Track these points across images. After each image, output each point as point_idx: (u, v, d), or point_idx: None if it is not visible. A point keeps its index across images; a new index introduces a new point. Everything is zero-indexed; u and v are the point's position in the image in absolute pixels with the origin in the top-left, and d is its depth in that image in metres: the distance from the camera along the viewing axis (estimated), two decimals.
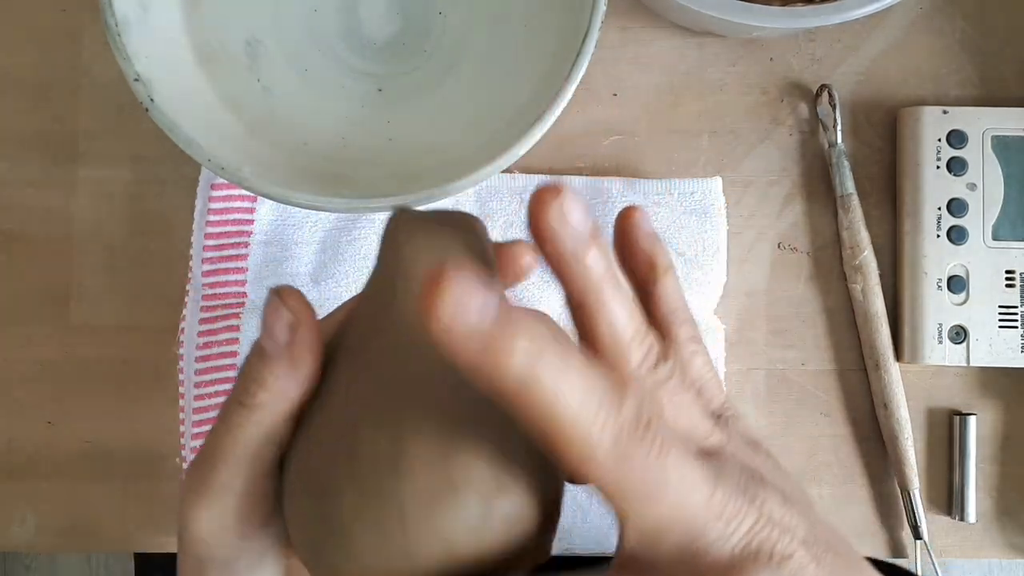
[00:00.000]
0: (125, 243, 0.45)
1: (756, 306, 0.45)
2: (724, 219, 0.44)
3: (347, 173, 0.38)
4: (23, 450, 0.45)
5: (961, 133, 0.44)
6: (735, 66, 0.46)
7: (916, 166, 0.44)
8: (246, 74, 0.40)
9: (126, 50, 0.33)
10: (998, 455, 0.45)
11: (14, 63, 0.46)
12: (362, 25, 0.43)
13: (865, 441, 0.45)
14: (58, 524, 0.45)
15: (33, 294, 0.45)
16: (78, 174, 0.45)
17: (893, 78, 0.46)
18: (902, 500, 0.44)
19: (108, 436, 0.45)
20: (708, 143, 0.46)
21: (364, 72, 0.42)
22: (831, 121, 0.45)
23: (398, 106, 0.42)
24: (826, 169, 0.46)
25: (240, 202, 0.43)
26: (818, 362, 0.45)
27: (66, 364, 0.45)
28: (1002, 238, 0.44)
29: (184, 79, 0.37)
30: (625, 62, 0.46)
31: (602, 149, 0.46)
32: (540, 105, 0.34)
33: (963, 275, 0.44)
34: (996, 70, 0.46)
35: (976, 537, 0.45)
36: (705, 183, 0.44)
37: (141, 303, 0.45)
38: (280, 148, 0.38)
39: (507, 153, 0.33)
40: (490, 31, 0.42)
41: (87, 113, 0.45)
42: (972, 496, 0.44)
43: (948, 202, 0.44)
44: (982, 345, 0.43)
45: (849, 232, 0.44)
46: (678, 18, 0.45)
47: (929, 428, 0.45)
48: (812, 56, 0.46)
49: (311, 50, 0.42)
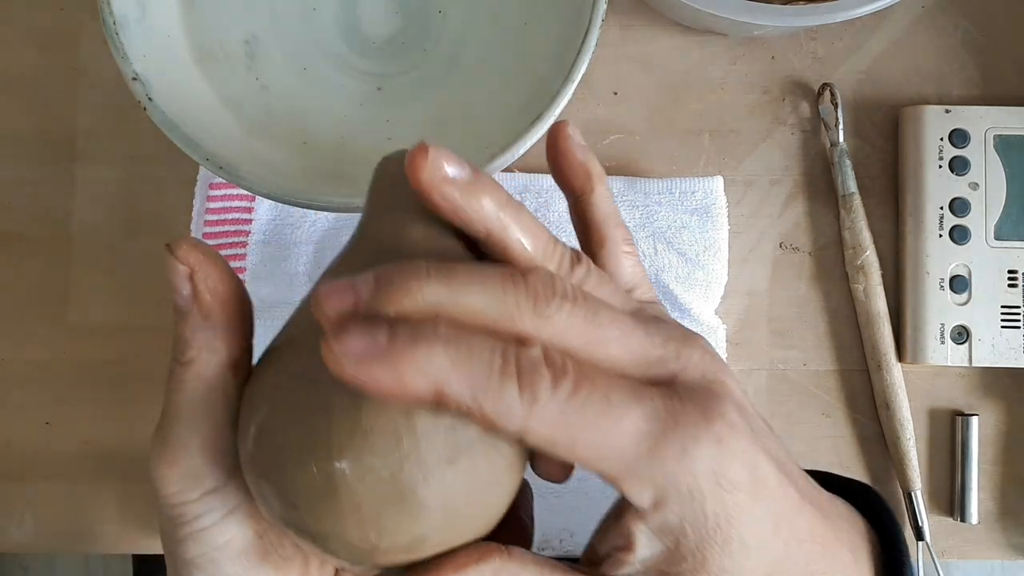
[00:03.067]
0: (123, 243, 0.45)
1: (757, 306, 0.45)
2: (725, 219, 0.44)
3: (346, 172, 0.38)
4: (21, 451, 0.44)
5: (963, 132, 0.44)
6: (736, 65, 0.46)
7: (918, 165, 0.44)
8: (244, 73, 0.40)
9: (124, 49, 0.33)
10: (1000, 456, 0.45)
11: (12, 62, 0.45)
12: (361, 23, 0.42)
13: (867, 442, 0.45)
14: (56, 525, 0.44)
15: (30, 294, 0.45)
16: (76, 173, 0.45)
17: (895, 77, 0.46)
18: (904, 501, 0.44)
19: (106, 437, 0.44)
20: (709, 142, 0.46)
21: (363, 71, 0.42)
22: (833, 120, 0.45)
23: (397, 105, 0.42)
24: (828, 168, 0.46)
25: (238, 201, 0.43)
26: (820, 362, 0.45)
27: (64, 365, 0.45)
28: (1005, 238, 0.43)
29: (182, 78, 0.37)
30: (626, 61, 0.46)
31: (603, 148, 0.46)
32: (540, 104, 0.33)
33: (965, 275, 0.43)
34: (998, 69, 0.46)
35: (978, 538, 0.45)
36: (706, 182, 0.44)
37: (139, 303, 0.45)
38: (278, 147, 0.38)
39: (507, 152, 0.33)
40: (490, 29, 0.42)
41: (85, 112, 0.45)
42: (974, 497, 0.44)
43: (950, 201, 0.44)
44: (984, 345, 0.43)
45: (851, 232, 0.44)
46: (679, 16, 0.44)
47: (931, 429, 0.45)
48: (814, 55, 0.46)
49: (310, 49, 0.42)
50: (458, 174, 0.21)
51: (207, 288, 0.22)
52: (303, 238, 0.43)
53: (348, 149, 0.40)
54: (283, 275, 0.43)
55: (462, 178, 0.21)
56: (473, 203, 0.21)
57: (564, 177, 0.27)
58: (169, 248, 0.22)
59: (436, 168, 0.20)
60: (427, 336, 0.18)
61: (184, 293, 0.22)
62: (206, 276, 0.22)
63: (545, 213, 0.44)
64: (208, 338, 0.22)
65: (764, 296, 0.45)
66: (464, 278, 0.19)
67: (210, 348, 0.22)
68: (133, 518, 0.44)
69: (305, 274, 0.43)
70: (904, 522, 0.45)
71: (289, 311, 0.23)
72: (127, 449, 0.44)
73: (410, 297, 0.19)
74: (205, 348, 0.22)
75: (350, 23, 0.42)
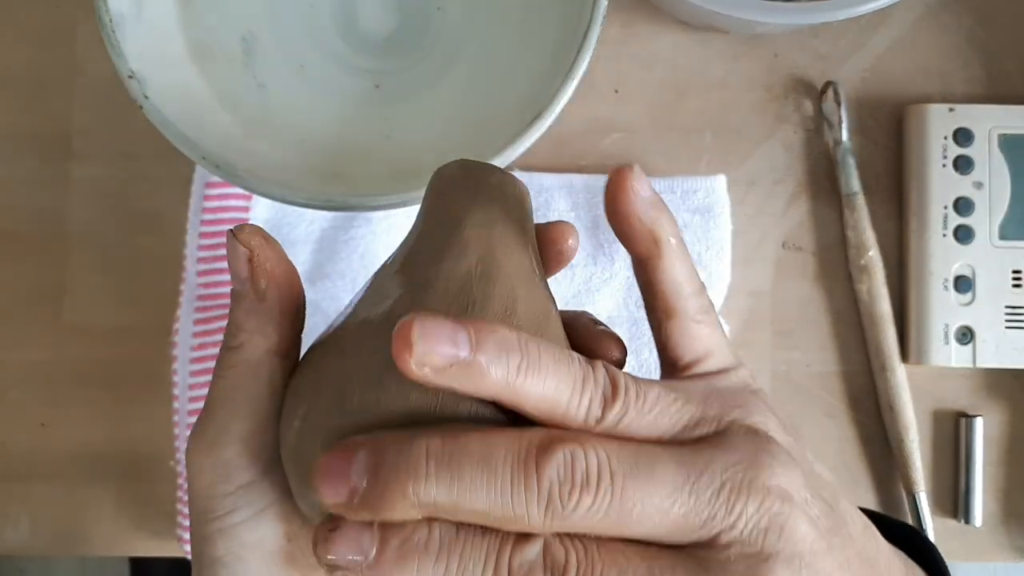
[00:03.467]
0: (119, 242, 0.45)
1: (760, 306, 0.45)
2: (728, 218, 0.44)
3: (344, 171, 0.38)
4: (16, 452, 0.44)
5: (967, 131, 0.43)
6: (739, 63, 0.46)
7: (922, 164, 0.44)
8: (241, 71, 0.40)
9: (120, 47, 0.33)
10: (1004, 457, 0.45)
11: (7, 60, 0.45)
12: (359, 21, 0.42)
13: (870, 443, 0.45)
14: (52, 527, 0.44)
15: (25, 294, 0.44)
16: (71, 173, 0.45)
17: (899, 75, 0.46)
18: (907, 503, 0.44)
19: (102, 438, 0.44)
20: (711, 141, 0.45)
21: (361, 69, 0.42)
22: (836, 118, 0.44)
23: (396, 103, 0.41)
24: (831, 167, 0.45)
25: (235, 200, 0.42)
26: (823, 363, 0.45)
27: (59, 365, 0.44)
28: (1009, 237, 0.43)
29: (179, 76, 0.37)
30: (627, 58, 0.45)
31: (604, 147, 0.45)
32: (541, 102, 0.33)
33: (969, 275, 0.43)
34: (1003, 67, 0.46)
35: (982, 540, 0.45)
36: (708, 181, 0.44)
37: (135, 303, 0.44)
38: (276, 146, 0.38)
39: (507, 150, 0.33)
40: (489, 27, 0.41)
41: (81, 111, 0.45)
42: (978, 499, 0.44)
43: (954, 201, 0.43)
44: (989, 346, 0.43)
45: (855, 231, 0.44)
46: (681, 14, 0.44)
47: (935, 430, 0.45)
48: (817, 53, 0.46)
49: (307, 46, 0.42)
50: (452, 355, 0.18)
51: (264, 271, 0.22)
52: (301, 237, 0.43)
53: (346, 147, 0.40)
54: None
55: (462, 359, 0.18)
56: (477, 383, 0.18)
57: (625, 240, 0.23)
58: (232, 232, 0.22)
59: (426, 357, 0.18)
60: (416, 552, 0.18)
61: (242, 276, 0.22)
62: (265, 259, 0.22)
63: (545, 213, 0.44)
64: (260, 323, 0.22)
65: (767, 296, 0.45)
66: (469, 474, 0.18)
67: (262, 332, 0.22)
68: (130, 520, 0.44)
69: (304, 274, 0.43)
70: None
71: None
72: (123, 450, 0.44)
73: (404, 503, 0.18)
74: (257, 332, 0.22)
75: (348, 20, 0.42)
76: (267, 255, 0.22)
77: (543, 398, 0.19)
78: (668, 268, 0.23)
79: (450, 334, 0.18)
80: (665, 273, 0.23)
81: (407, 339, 0.18)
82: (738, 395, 0.22)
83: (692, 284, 0.23)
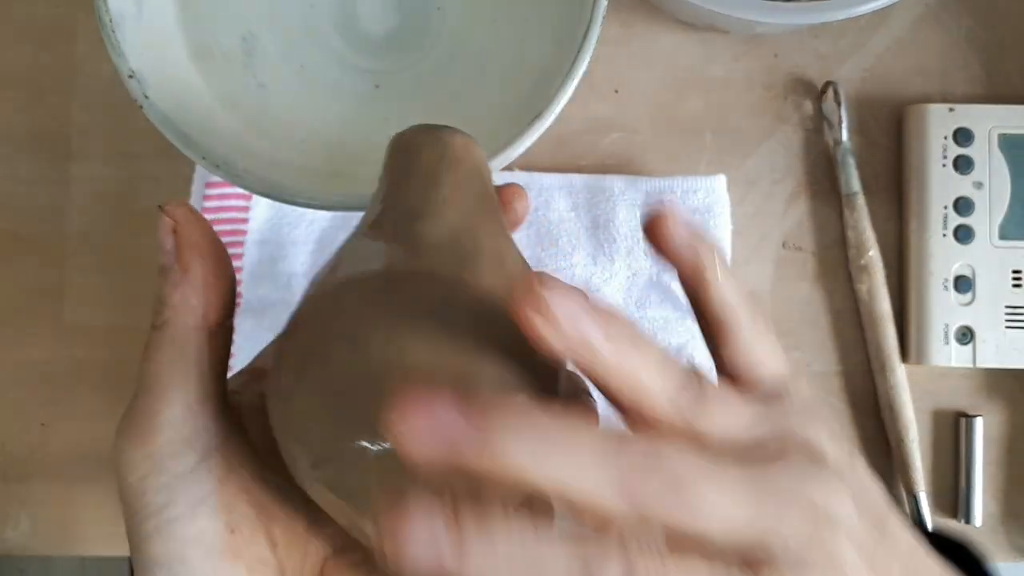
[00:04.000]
0: (119, 242, 0.44)
1: (760, 306, 0.45)
2: (728, 218, 0.44)
3: (344, 171, 0.38)
4: (16, 452, 0.44)
5: (967, 131, 0.43)
6: (739, 63, 0.46)
7: (922, 164, 0.43)
8: (241, 70, 0.40)
9: (121, 46, 0.33)
10: (1004, 457, 0.45)
11: (7, 59, 0.45)
12: (359, 20, 0.42)
13: (870, 443, 0.45)
14: (52, 527, 0.44)
15: (25, 294, 0.44)
16: (71, 172, 0.45)
17: (899, 75, 0.46)
18: (907, 503, 0.44)
19: (102, 438, 0.44)
20: (711, 140, 0.45)
21: (361, 68, 0.42)
22: (836, 118, 0.44)
23: (396, 103, 0.41)
24: (831, 167, 0.45)
25: (235, 200, 0.42)
26: (823, 363, 0.45)
27: (59, 365, 0.44)
28: (1009, 237, 0.43)
29: (179, 76, 0.37)
30: (627, 58, 0.45)
31: (604, 146, 0.45)
32: (540, 102, 0.33)
33: (969, 275, 0.43)
34: (1003, 67, 0.46)
35: (982, 540, 0.45)
36: (708, 181, 0.44)
37: (135, 303, 0.44)
38: (276, 146, 0.38)
39: (507, 150, 0.33)
40: (489, 26, 0.41)
41: (81, 110, 0.45)
42: (978, 499, 0.44)
43: (954, 201, 0.43)
44: (989, 346, 0.43)
45: (855, 231, 0.44)
46: (681, 14, 0.44)
47: (935, 430, 0.45)
48: (817, 52, 0.46)
49: (307, 46, 0.42)
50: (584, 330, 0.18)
51: (189, 243, 0.22)
52: (301, 237, 0.43)
53: (346, 147, 0.40)
54: (281, 275, 0.43)
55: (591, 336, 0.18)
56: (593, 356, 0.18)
57: (671, 263, 0.23)
58: (159, 207, 0.22)
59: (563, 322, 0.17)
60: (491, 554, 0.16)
61: (167, 247, 0.22)
62: (190, 232, 0.22)
63: (545, 212, 0.44)
64: (184, 295, 0.22)
65: (767, 296, 0.45)
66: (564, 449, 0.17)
67: (186, 305, 0.22)
68: None
69: (304, 274, 0.43)
70: None
71: (287, 311, 0.23)
72: None
73: (495, 462, 0.16)
74: (181, 306, 0.22)
75: (348, 20, 0.42)
76: (192, 228, 0.22)
77: (639, 385, 0.19)
78: (716, 294, 0.23)
79: (582, 304, 0.18)
80: (712, 293, 0.23)
81: (536, 303, 0.17)
82: (793, 409, 0.22)
83: (743, 304, 0.23)
